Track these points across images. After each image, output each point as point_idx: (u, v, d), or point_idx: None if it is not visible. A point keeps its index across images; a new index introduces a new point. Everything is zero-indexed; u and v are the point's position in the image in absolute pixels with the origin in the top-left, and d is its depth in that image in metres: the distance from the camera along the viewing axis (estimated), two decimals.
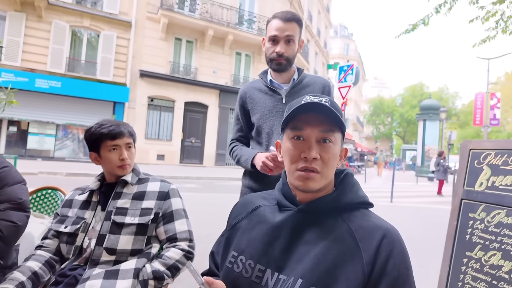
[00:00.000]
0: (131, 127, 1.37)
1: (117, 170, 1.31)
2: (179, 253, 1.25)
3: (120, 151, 1.30)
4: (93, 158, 1.34)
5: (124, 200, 1.28)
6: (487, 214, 1.21)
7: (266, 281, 0.73)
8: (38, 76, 11.74)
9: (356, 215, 0.77)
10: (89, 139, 1.31)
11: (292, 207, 0.79)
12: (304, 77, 1.57)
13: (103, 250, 1.18)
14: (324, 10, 27.25)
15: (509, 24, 5.14)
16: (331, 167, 0.76)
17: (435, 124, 22.11)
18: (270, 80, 1.56)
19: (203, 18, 14.16)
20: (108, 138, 1.28)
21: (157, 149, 13.89)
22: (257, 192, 0.96)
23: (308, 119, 0.75)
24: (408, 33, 5.74)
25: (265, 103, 1.52)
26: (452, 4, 5.21)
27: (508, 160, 1.21)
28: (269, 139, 1.51)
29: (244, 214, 0.88)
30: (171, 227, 1.29)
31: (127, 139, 1.32)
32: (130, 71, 13.28)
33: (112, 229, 1.21)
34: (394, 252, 0.69)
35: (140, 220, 1.23)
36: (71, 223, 1.25)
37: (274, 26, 1.45)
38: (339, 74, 7.53)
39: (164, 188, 1.35)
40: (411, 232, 4.77)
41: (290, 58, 1.48)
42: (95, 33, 13.08)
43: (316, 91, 1.52)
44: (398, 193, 9.47)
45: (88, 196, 1.32)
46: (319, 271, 0.68)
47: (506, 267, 1.11)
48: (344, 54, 44.74)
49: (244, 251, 0.80)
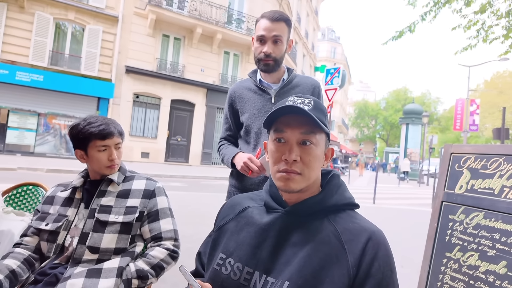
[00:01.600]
0: (119, 125, 1.33)
1: (105, 170, 1.28)
2: (164, 252, 1.23)
3: (110, 152, 1.27)
4: (78, 156, 1.29)
5: (109, 198, 1.25)
6: (466, 216, 1.25)
7: (254, 284, 0.73)
8: (19, 68, 11.36)
9: (342, 216, 0.77)
10: (75, 137, 1.26)
11: (279, 209, 0.80)
12: (294, 77, 1.57)
13: (86, 249, 1.16)
14: (313, 13, 27.50)
15: (489, 33, 5.33)
16: (313, 169, 0.76)
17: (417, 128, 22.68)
18: (259, 79, 1.56)
19: (191, 15, 14.04)
20: (97, 138, 1.23)
21: (141, 146, 13.69)
22: (244, 193, 0.97)
23: (289, 121, 0.76)
24: (395, 40, 5.86)
25: (254, 103, 1.52)
26: (437, 12, 5.37)
27: (487, 164, 1.25)
28: (257, 139, 1.52)
29: (231, 216, 0.88)
30: (156, 226, 1.27)
31: (116, 139, 1.28)
32: (116, 67, 13.03)
33: (95, 227, 1.18)
34: (379, 255, 0.70)
35: (124, 219, 1.21)
36: (52, 221, 1.21)
37: (262, 26, 1.44)
38: (326, 76, 7.61)
39: (149, 187, 1.32)
40: (392, 233, 4.87)
41: (277, 58, 1.47)
42: (80, 26, 12.77)
43: (305, 92, 1.53)
44: (380, 195, 9.65)
45: (71, 193, 1.28)
46: (305, 273, 0.69)
47: (482, 267, 1.15)
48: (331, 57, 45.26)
49: (233, 253, 0.79)
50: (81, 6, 12.37)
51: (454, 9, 5.35)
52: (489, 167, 1.24)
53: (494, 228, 1.15)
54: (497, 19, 5.15)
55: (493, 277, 1.11)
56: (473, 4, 5.18)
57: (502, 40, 5.29)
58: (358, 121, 50.58)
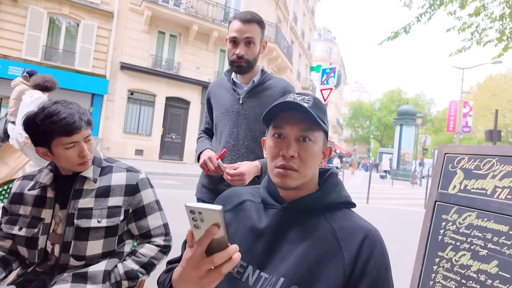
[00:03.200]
0: (85, 112, 1.12)
1: (77, 167, 1.11)
2: (154, 249, 1.18)
3: (80, 147, 1.08)
4: (41, 154, 1.09)
5: (87, 199, 1.10)
6: (459, 216, 1.26)
7: (247, 278, 0.73)
8: (11, 63, 11.19)
9: (339, 214, 0.78)
10: (34, 133, 1.05)
11: (276, 205, 0.80)
12: (267, 79, 1.56)
13: (70, 257, 1.07)
14: (309, 13, 27.54)
15: (483, 36, 5.39)
16: (310, 166, 0.76)
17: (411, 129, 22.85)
18: (233, 79, 1.56)
19: (188, 13, 13.96)
20: (62, 135, 1.03)
21: (135, 143, 13.59)
22: (245, 186, 0.96)
23: (288, 118, 0.76)
24: (390, 40, 5.90)
25: (224, 102, 1.53)
26: (432, 14, 5.41)
27: (480, 165, 1.27)
28: (221, 138, 1.53)
29: (229, 207, 0.88)
30: (144, 223, 1.19)
31: (85, 131, 1.09)
32: (111, 63, 12.91)
33: (77, 235, 1.06)
34: (375, 253, 0.70)
35: (108, 223, 1.09)
36: (26, 225, 1.07)
37: (234, 28, 1.44)
38: (321, 76, 7.62)
39: (131, 181, 1.18)
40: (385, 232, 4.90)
41: (250, 60, 1.48)
42: (74, 21, 12.62)
43: (275, 95, 1.51)
44: (374, 195, 9.72)
45: (41, 191, 1.11)
46: (301, 270, 0.69)
47: (474, 266, 1.16)
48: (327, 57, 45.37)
49: None
50: (75, 0, 12.22)
51: (449, 11, 5.39)
52: (482, 168, 1.26)
53: (486, 228, 1.17)
54: (491, 22, 5.21)
55: (485, 276, 1.12)
56: (467, 6, 5.24)
57: (495, 43, 5.36)
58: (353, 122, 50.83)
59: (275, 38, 16.53)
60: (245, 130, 1.49)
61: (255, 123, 1.49)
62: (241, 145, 1.48)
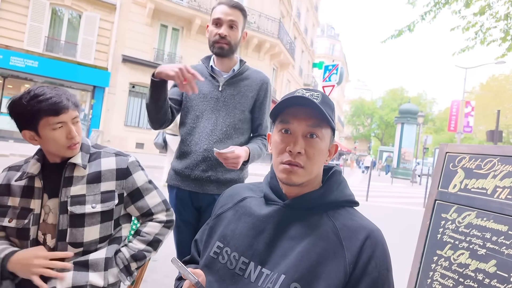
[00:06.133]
0: (73, 95, 1.10)
1: (65, 151, 1.08)
2: (157, 226, 1.19)
3: (68, 128, 1.05)
4: (28, 138, 1.07)
5: (79, 186, 1.09)
6: (459, 215, 1.27)
7: (249, 274, 0.73)
8: (13, 53, 11.18)
9: (342, 213, 0.77)
10: (19, 116, 1.03)
11: (279, 202, 0.79)
12: (246, 69, 1.58)
13: (68, 245, 1.06)
14: (313, 9, 27.38)
15: (487, 35, 5.35)
16: (316, 163, 0.75)
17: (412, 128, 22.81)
18: (211, 66, 1.56)
19: (190, 6, 13.89)
20: (49, 114, 1.01)
21: (136, 137, 13.60)
22: (244, 183, 0.97)
23: (296, 113, 0.75)
24: (394, 38, 5.87)
25: (202, 87, 1.52)
26: (437, 13, 5.37)
27: (481, 165, 1.27)
28: (197, 122, 1.51)
29: (230, 205, 0.88)
30: (142, 204, 1.19)
31: (73, 112, 1.06)
32: (112, 56, 12.88)
33: (72, 222, 1.05)
34: (376, 253, 0.70)
35: (103, 207, 1.09)
36: (16, 216, 1.06)
37: (218, 10, 1.46)
38: (324, 73, 7.59)
39: (121, 164, 1.16)
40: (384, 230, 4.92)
41: (232, 43, 1.48)
42: (76, 13, 12.57)
43: (253, 86, 1.54)
44: (373, 193, 9.73)
45: (29, 181, 1.09)
46: (302, 268, 0.68)
47: (472, 265, 1.17)
48: (329, 54, 45.21)
49: (230, 243, 0.79)
50: None
51: (453, 10, 5.36)
52: (483, 167, 1.26)
53: (486, 228, 1.17)
54: (495, 21, 5.17)
55: (483, 275, 1.12)
56: (472, 6, 5.20)
57: (499, 43, 5.32)
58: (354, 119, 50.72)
59: (277, 33, 16.44)
60: (224, 116, 1.50)
61: (234, 110, 1.51)
62: (219, 130, 1.48)
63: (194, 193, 1.50)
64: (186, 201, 1.51)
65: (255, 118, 1.60)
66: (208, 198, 1.50)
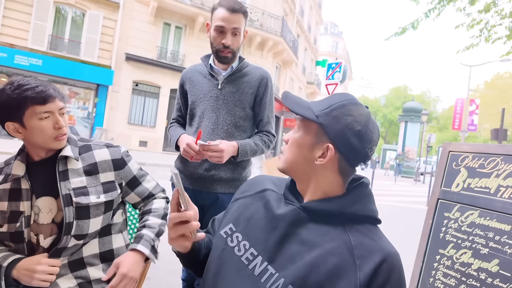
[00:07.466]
0: (58, 88, 1.09)
1: (52, 143, 1.04)
2: (163, 201, 1.27)
3: (55, 118, 1.02)
4: (11, 130, 1.02)
5: (78, 178, 1.07)
6: (461, 214, 1.26)
7: (254, 266, 0.73)
8: (17, 52, 11.25)
9: (360, 229, 0.72)
10: (4, 106, 0.98)
11: (295, 202, 0.77)
12: (245, 66, 1.58)
13: (71, 238, 1.04)
14: (316, 6, 27.25)
15: (492, 33, 5.31)
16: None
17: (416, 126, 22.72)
18: (210, 64, 1.57)
19: (194, 4, 13.88)
20: (36, 103, 0.98)
21: (139, 135, 13.65)
22: (270, 175, 0.96)
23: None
24: (397, 36, 5.84)
25: (202, 87, 1.54)
26: (441, 10, 5.33)
27: (484, 164, 1.26)
28: (200, 122, 1.53)
29: (250, 192, 0.88)
30: (142, 189, 1.24)
31: (59, 102, 1.04)
32: (116, 54, 12.92)
33: (78, 215, 1.04)
34: (392, 278, 0.66)
35: (107, 197, 1.10)
36: (6, 221, 1.03)
37: (221, 16, 1.44)
38: (327, 71, 7.58)
39: (116, 155, 1.17)
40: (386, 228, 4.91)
41: (235, 50, 1.50)
42: (80, 11, 12.62)
43: (253, 82, 1.55)
44: (376, 191, 9.71)
45: (15, 183, 1.05)
46: (310, 282, 0.66)
47: (475, 265, 1.16)
48: (333, 52, 45.01)
49: (243, 230, 0.80)
50: None
51: (458, 7, 5.31)
52: (487, 166, 1.25)
53: (489, 227, 1.17)
54: (500, 19, 5.12)
55: (485, 275, 1.12)
56: (477, 3, 5.15)
57: (504, 41, 5.27)
58: None
59: (281, 31, 16.39)
60: (224, 115, 1.51)
61: (234, 108, 1.52)
62: (220, 129, 1.50)
63: (198, 191, 1.52)
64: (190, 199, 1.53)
65: (256, 114, 1.60)
66: (211, 196, 1.51)
